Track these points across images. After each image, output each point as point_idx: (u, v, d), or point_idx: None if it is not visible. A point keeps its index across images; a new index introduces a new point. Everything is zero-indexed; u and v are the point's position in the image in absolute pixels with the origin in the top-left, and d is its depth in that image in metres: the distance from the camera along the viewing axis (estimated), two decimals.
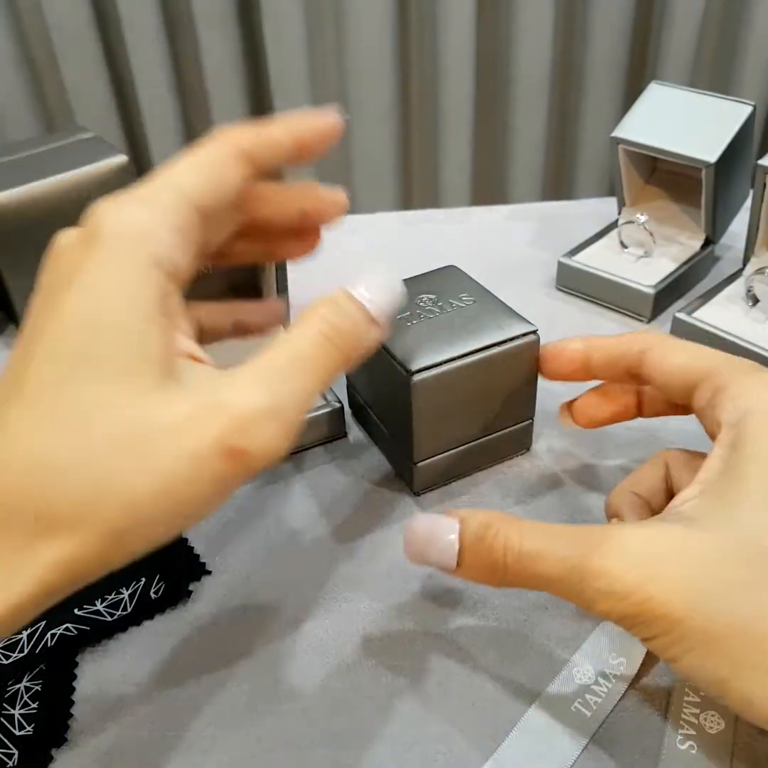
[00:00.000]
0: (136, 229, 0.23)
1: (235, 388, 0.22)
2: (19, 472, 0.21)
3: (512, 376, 0.35)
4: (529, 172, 1.37)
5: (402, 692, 0.29)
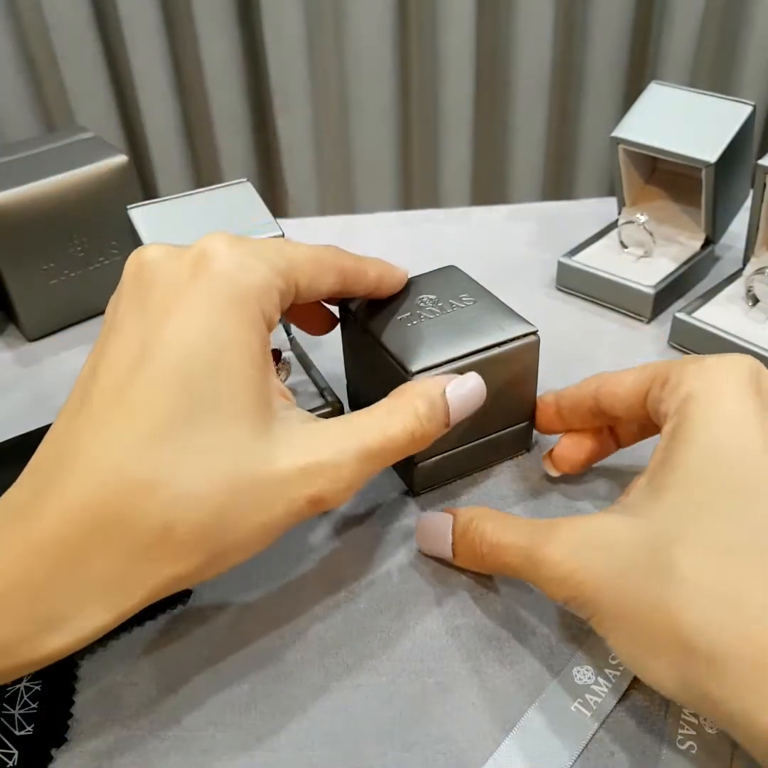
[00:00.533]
0: (260, 287, 0.27)
1: (340, 457, 0.26)
2: (143, 493, 0.23)
3: (512, 376, 0.35)
4: (529, 172, 1.37)
5: (402, 692, 0.29)
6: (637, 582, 0.24)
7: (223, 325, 0.25)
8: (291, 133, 1.28)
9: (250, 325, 0.26)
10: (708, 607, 0.23)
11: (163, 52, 1.21)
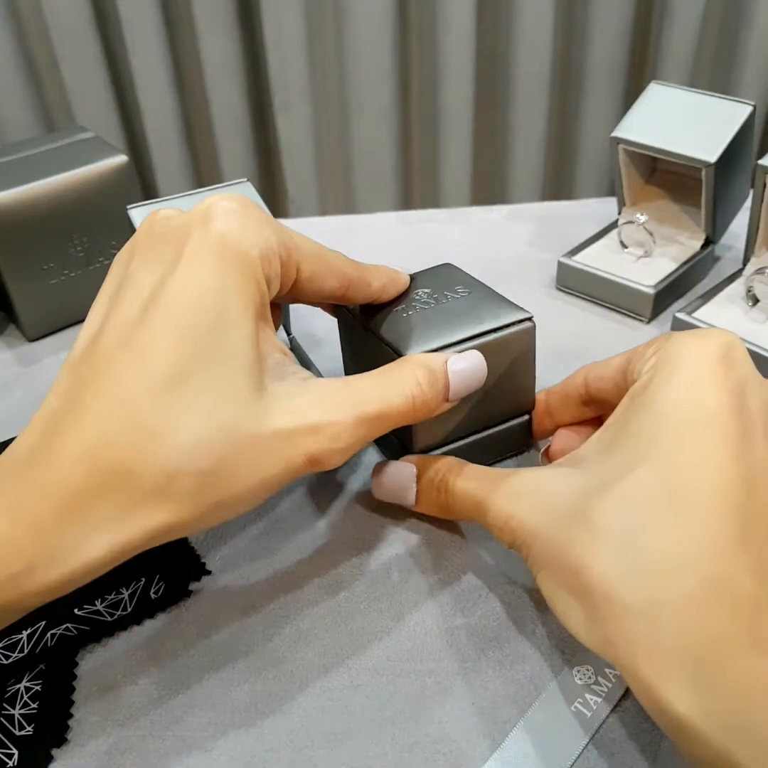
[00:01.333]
0: (263, 247, 0.27)
1: (337, 418, 0.27)
2: (148, 440, 0.24)
3: (509, 364, 0.35)
4: (529, 172, 1.37)
5: (402, 692, 0.29)
6: (559, 527, 0.26)
7: (226, 278, 0.26)
8: (291, 133, 1.28)
9: (253, 283, 0.27)
10: (611, 554, 0.24)
11: (163, 52, 1.22)
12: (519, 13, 1.22)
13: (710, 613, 0.22)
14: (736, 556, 0.23)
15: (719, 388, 0.25)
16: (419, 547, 0.35)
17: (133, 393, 0.24)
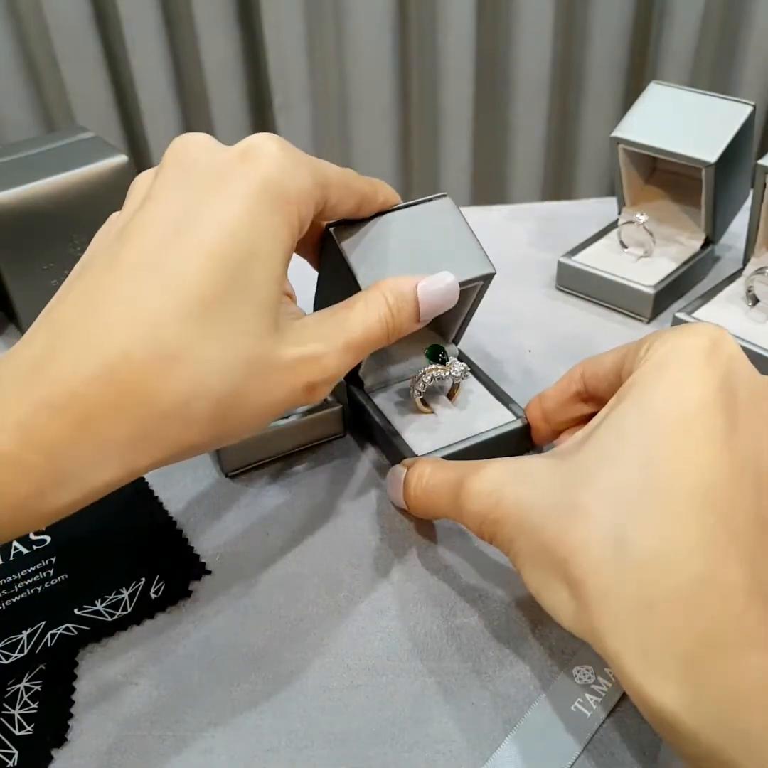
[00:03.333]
0: (302, 191, 0.27)
1: (328, 349, 0.28)
2: (168, 363, 0.24)
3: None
4: (529, 172, 1.37)
5: (402, 692, 0.29)
6: (546, 517, 0.26)
7: (263, 217, 0.26)
8: (291, 133, 1.28)
9: (287, 225, 0.27)
10: (600, 546, 0.24)
11: (163, 52, 1.21)
12: (519, 13, 1.22)
13: (699, 611, 0.22)
14: (723, 549, 0.23)
15: (705, 383, 0.25)
16: (419, 547, 0.35)
17: (159, 315, 0.24)
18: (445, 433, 0.37)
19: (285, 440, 0.39)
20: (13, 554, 0.35)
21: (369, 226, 0.35)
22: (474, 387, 0.40)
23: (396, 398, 0.40)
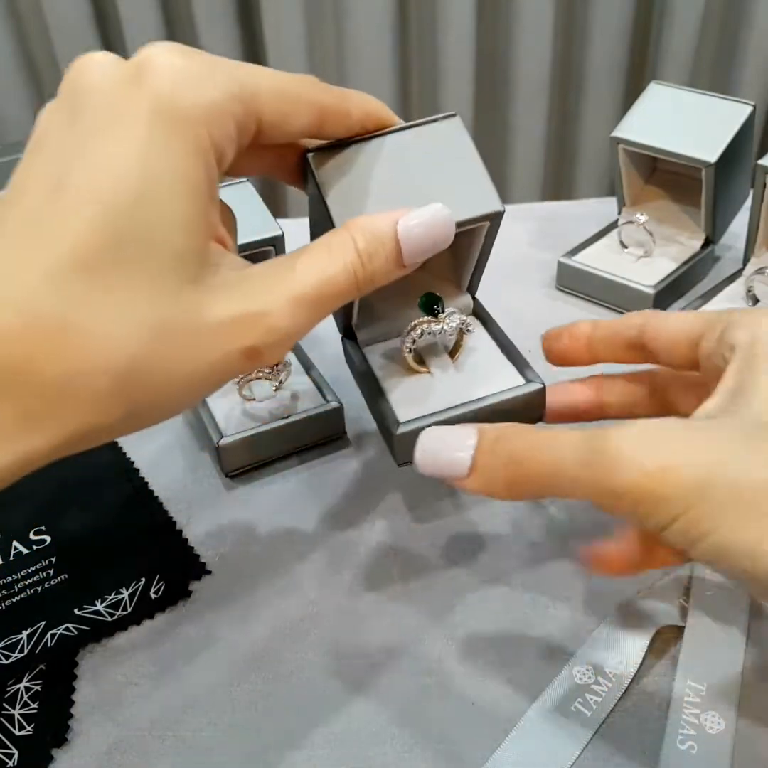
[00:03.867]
0: (210, 107, 0.23)
1: (273, 305, 0.24)
2: (54, 333, 0.21)
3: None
4: (529, 172, 1.37)
5: (402, 692, 0.29)
6: (748, 465, 0.22)
7: (157, 151, 0.22)
8: None
9: (192, 153, 0.22)
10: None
11: None
12: (519, 13, 1.21)
13: None
14: None
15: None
16: (419, 547, 0.35)
17: (33, 281, 0.21)
18: (438, 396, 0.32)
19: (285, 440, 0.39)
20: (13, 554, 0.35)
21: (356, 151, 0.29)
22: (484, 345, 0.35)
23: (393, 354, 0.35)
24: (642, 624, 0.30)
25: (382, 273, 0.26)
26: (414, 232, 0.26)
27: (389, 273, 0.26)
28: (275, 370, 0.39)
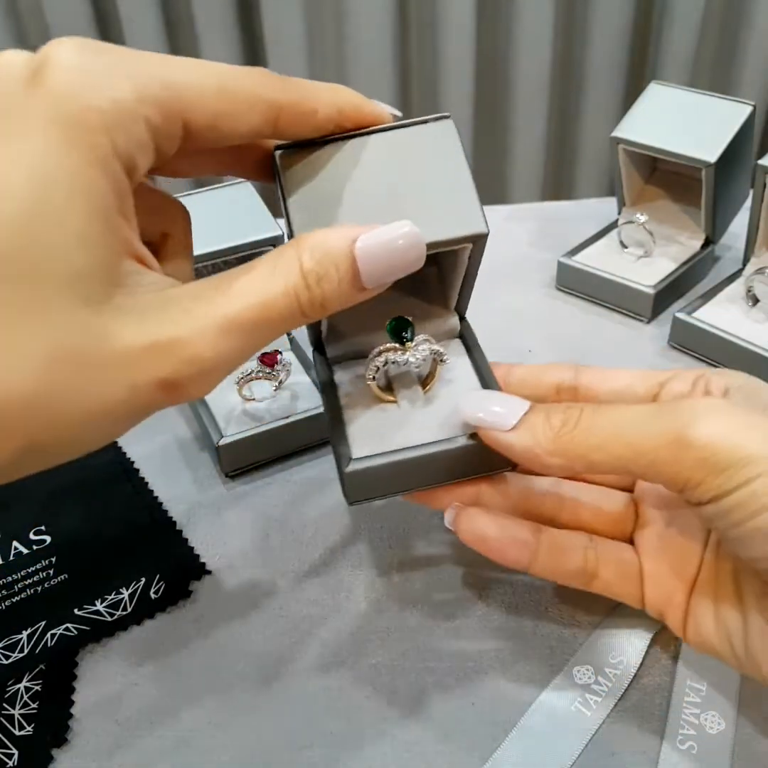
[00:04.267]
0: (112, 111, 0.20)
1: (193, 331, 0.21)
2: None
3: None
4: (529, 172, 1.36)
5: (402, 692, 0.29)
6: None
7: (53, 162, 0.19)
8: None
9: (92, 164, 0.20)
10: None
11: (163, 53, 1.21)
12: (519, 13, 1.21)
13: None
14: None
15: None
16: (419, 547, 0.35)
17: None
18: (400, 433, 0.29)
19: (285, 440, 0.39)
20: (13, 554, 0.35)
21: (330, 151, 0.26)
22: (463, 376, 0.31)
23: (363, 376, 0.30)
24: (642, 624, 0.30)
25: (335, 297, 0.23)
26: (375, 253, 0.23)
27: (345, 297, 0.23)
28: (275, 370, 0.39)
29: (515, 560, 0.28)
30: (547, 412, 0.25)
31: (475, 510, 0.28)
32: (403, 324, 0.29)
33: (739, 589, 0.26)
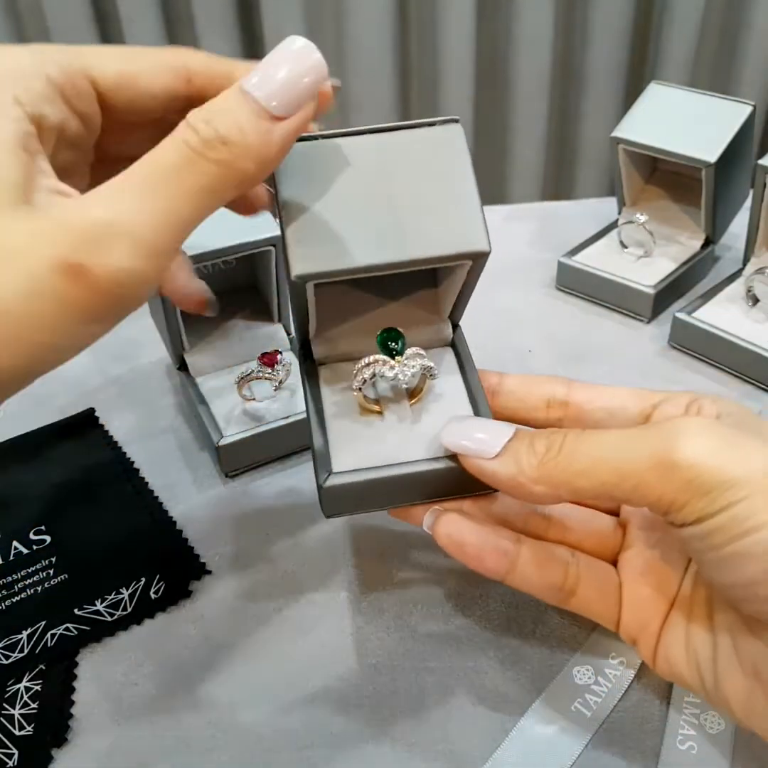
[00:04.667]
0: (11, 69, 0.21)
1: (79, 204, 0.20)
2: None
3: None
4: (529, 172, 1.37)
5: (402, 692, 0.29)
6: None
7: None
8: None
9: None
10: None
11: None
12: (519, 13, 1.21)
13: None
14: None
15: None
16: (419, 547, 0.35)
17: None
18: (382, 448, 0.28)
19: (285, 440, 0.39)
20: (13, 554, 0.35)
21: (329, 153, 0.25)
22: (451, 391, 0.30)
23: (350, 381, 0.29)
24: None
25: (237, 129, 0.21)
26: (270, 77, 0.21)
27: (253, 127, 0.21)
28: (275, 370, 0.39)
29: (493, 569, 0.27)
30: (531, 438, 0.25)
31: (454, 515, 0.27)
32: (394, 336, 0.28)
33: (712, 618, 0.25)
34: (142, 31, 1.17)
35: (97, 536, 0.36)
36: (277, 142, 0.21)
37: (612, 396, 0.29)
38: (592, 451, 0.23)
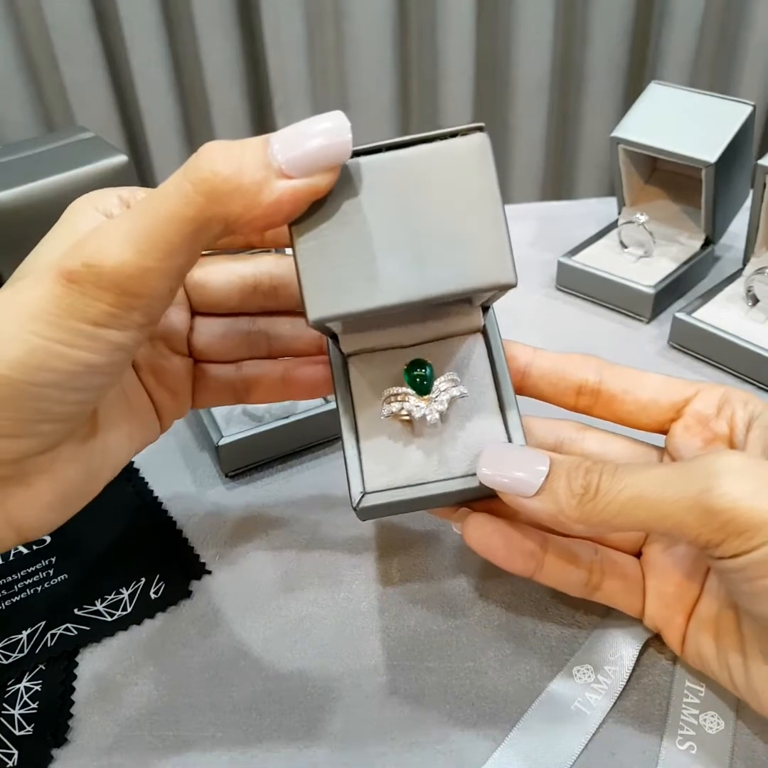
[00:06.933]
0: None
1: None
2: None
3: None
4: (529, 172, 1.37)
5: (402, 692, 0.29)
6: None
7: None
8: None
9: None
10: None
11: (163, 52, 1.21)
12: (519, 13, 1.21)
13: None
14: None
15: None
16: (419, 547, 0.35)
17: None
18: (408, 464, 0.28)
19: (285, 440, 0.39)
20: (13, 554, 0.35)
21: (344, 178, 0.24)
22: (477, 392, 0.29)
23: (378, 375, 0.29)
24: (642, 624, 0.30)
25: (246, 183, 0.21)
26: (287, 138, 0.22)
27: (262, 184, 0.21)
28: None
29: (521, 570, 0.28)
30: (567, 477, 0.25)
31: (483, 517, 0.28)
32: (422, 366, 0.28)
33: (741, 630, 0.26)
34: (142, 31, 1.17)
35: (97, 536, 0.36)
36: (276, 196, 0.21)
37: (644, 387, 0.29)
38: (627, 491, 0.24)
